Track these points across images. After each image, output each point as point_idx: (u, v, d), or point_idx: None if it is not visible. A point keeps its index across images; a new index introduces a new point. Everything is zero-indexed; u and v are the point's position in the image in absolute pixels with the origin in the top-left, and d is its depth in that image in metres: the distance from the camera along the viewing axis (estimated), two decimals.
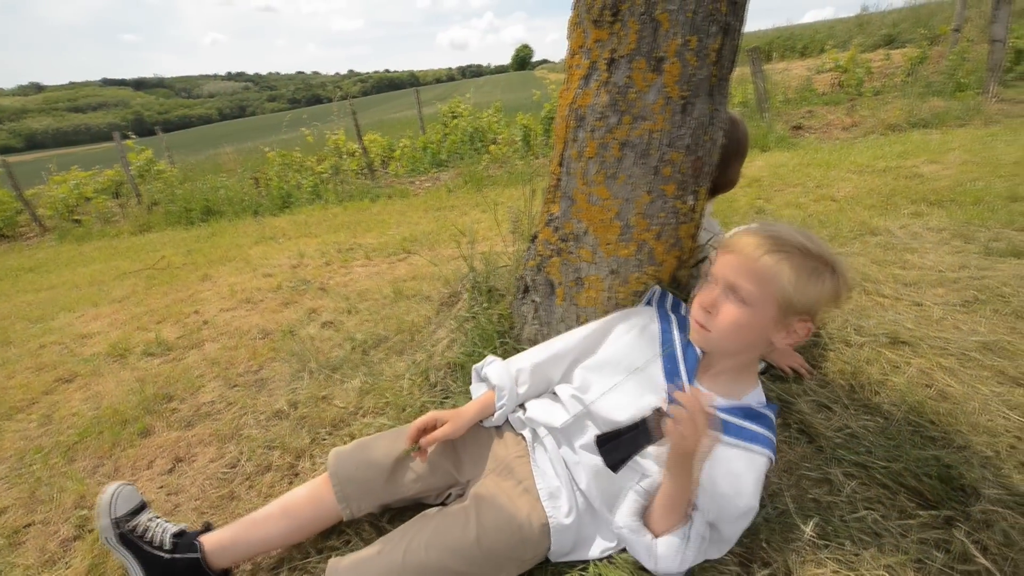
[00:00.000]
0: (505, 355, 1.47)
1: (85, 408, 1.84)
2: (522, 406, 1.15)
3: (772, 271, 0.87)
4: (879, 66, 8.43)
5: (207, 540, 1.03)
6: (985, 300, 1.68)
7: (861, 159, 4.00)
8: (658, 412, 0.93)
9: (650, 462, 0.94)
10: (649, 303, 1.18)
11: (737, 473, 0.88)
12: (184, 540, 1.03)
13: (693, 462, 0.85)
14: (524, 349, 1.43)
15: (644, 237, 1.16)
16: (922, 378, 1.36)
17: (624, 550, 0.98)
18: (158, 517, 1.07)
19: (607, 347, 1.11)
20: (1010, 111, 5.32)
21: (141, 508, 1.07)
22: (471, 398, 1.44)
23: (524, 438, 1.10)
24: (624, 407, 0.98)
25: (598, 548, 0.97)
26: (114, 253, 5.00)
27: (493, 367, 1.17)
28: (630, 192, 1.12)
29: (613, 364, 1.06)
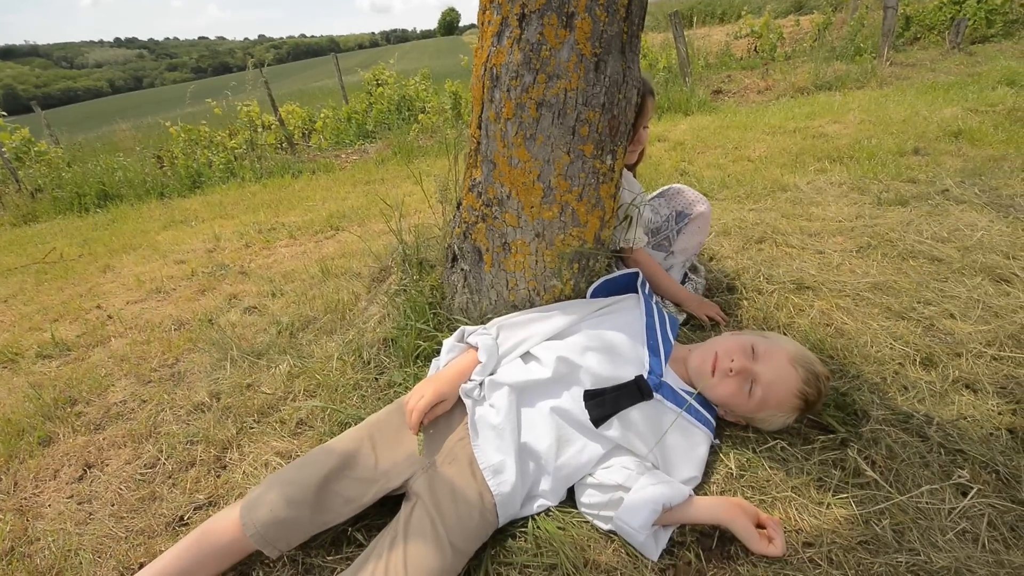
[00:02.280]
0: (438, 327, 1.45)
1: None
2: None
3: (785, 406, 1.06)
4: (790, 32, 8.89)
5: None
6: (876, 245, 1.86)
7: (774, 121, 4.23)
8: (639, 379, 1.06)
9: (623, 431, 1.03)
10: (633, 287, 1.30)
11: (687, 449, 1.05)
12: None
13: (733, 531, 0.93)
14: (456, 319, 1.42)
15: (566, 199, 1.16)
16: (823, 318, 1.49)
17: (563, 503, 1.04)
18: None
19: (596, 320, 1.18)
20: (900, 74, 5.81)
21: None
22: (407, 372, 1.42)
23: (465, 409, 1.08)
24: (610, 369, 1.08)
25: (540, 506, 1.02)
26: None
27: (483, 339, 1.14)
28: (549, 153, 1.12)
29: (601, 334, 1.13)
